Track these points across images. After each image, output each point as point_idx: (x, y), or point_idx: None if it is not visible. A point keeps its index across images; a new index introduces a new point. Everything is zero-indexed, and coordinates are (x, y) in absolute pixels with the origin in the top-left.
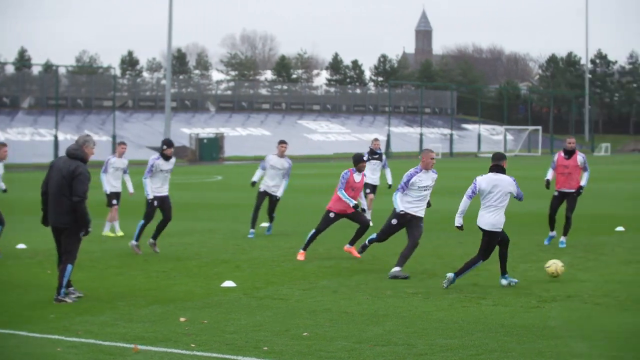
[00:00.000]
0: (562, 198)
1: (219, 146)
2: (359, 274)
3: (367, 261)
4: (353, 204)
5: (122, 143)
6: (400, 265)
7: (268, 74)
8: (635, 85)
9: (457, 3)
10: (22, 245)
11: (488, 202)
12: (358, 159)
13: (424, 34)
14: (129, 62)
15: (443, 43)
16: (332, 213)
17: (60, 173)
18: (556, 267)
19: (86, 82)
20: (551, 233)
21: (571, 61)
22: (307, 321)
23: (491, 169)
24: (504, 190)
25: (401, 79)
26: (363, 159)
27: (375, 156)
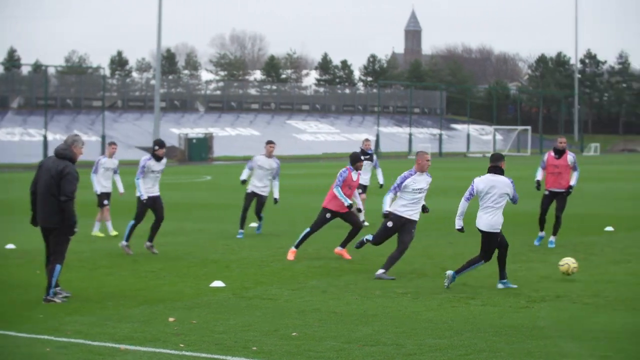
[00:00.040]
0: (553, 197)
1: (208, 146)
2: (348, 274)
3: (356, 261)
4: (348, 203)
5: (113, 143)
6: (386, 268)
7: (257, 74)
8: (624, 85)
9: (447, 3)
10: (11, 245)
11: (485, 203)
12: (356, 158)
13: (414, 34)
14: (119, 62)
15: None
16: (329, 213)
17: (48, 173)
18: (569, 266)
19: (75, 82)
20: (540, 233)
21: (560, 61)
22: (296, 321)
23: (489, 170)
24: (500, 191)
25: (390, 79)
26: (361, 158)
27: (366, 156)
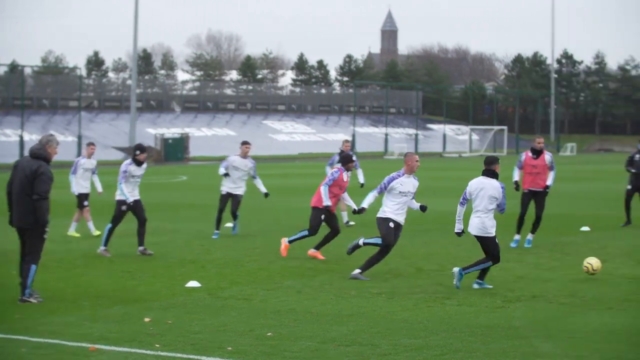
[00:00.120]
0: (532, 196)
1: (184, 146)
2: (323, 275)
3: (332, 262)
4: (326, 204)
5: (91, 144)
6: (363, 269)
7: (233, 74)
8: (601, 85)
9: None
10: None
11: (475, 207)
12: (348, 159)
13: (390, 34)
14: (95, 63)
15: (409, 43)
16: (324, 215)
17: (23, 172)
18: (590, 266)
19: (52, 83)
20: (516, 237)
21: (537, 61)
22: (272, 321)
23: (482, 173)
24: (488, 193)
25: (366, 79)
26: (352, 159)
27: None
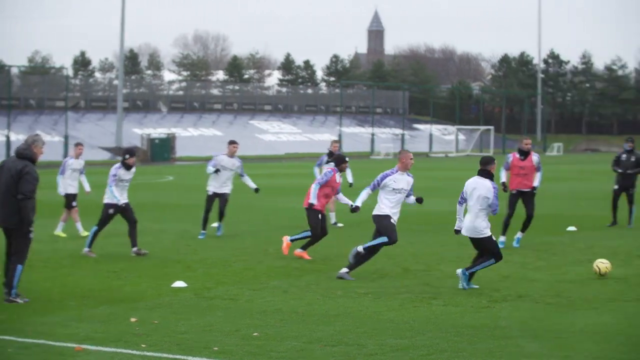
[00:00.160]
0: (519, 197)
1: (171, 146)
2: (310, 274)
3: (318, 262)
4: (311, 202)
5: (79, 144)
6: (350, 268)
7: (220, 74)
8: (587, 85)
9: (410, 3)
10: None
11: (469, 207)
12: (341, 160)
13: (376, 34)
14: (82, 63)
15: (395, 43)
16: (320, 214)
17: (9, 173)
18: (599, 268)
19: (39, 83)
20: (502, 238)
21: (524, 61)
22: (258, 321)
23: (478, 173)
24: (480, 193)
25: (353, 79)
26: (345, 160)
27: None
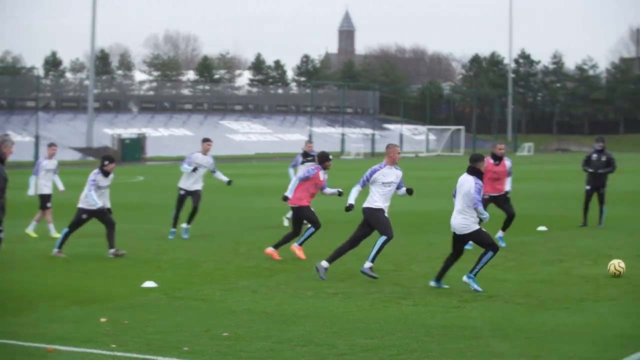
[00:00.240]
0: (491, 201)
1: (141, 147)
2: (280, 274)
3: (288, 262)
4: (285, 195)
5: (53, 145)
6: (330, 261)
7: (190, 75)
8: (558, 85)
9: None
10: None
11: (455, 204)
12: (325, 158)
13: (347, 34)
14: (52, 63)
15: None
16: (311, 207)
17: None
18: (614, 267)
19: (9, 83)
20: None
21: (494, 61)
22: (228, 321)
23: (467, 170)
24: (464, 190)
25: (323, 79)
26: (329, 157)
27: (309, 158)
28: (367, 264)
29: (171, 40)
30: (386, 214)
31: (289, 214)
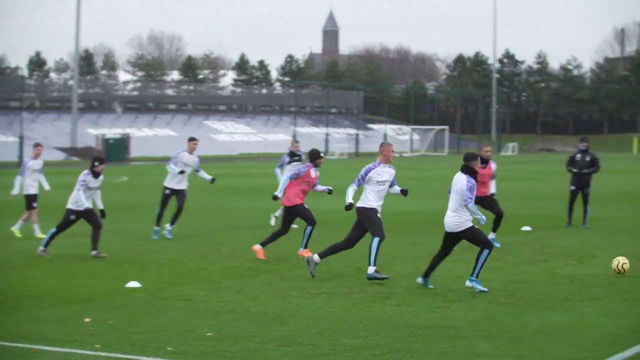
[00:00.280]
0: (477, 203)
1: (125, 147)
2: (264, 274)
3: (272, 262)
4: (275, 195)
5: (39, 145)
6: (322, 256)
7: (175, 75)
8: (542, 85)
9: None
10: None
11: (449, 202)
12: (316, 155)
13: (331, 34)
14: (37, 63)
15: (350, 43)
16: (305, 205)
17: None
18: (619, 264)
19: None
20: None
21: (478, 61)
22: (212, 321)
23: (460, 169)
24: (456, 188)
25: (308, 79)
26: (320, 155)
27: (295, 158)
28: (371, 269)
29: (155, 40)
30: (379, 214)
31: (277, 213)
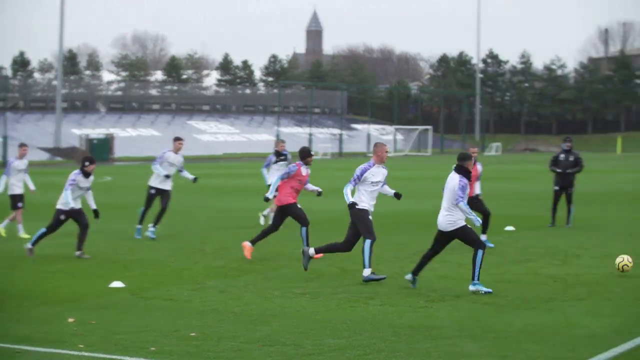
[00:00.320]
0: None
1: (109, 147)
2: (247, 274)
3: (256, 262)
4: (267, 197)
5: (24, 145)
6: (320, 251)
7: (158, 75)
8: (526, 84)
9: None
10: None
11: (442, 202)
12: (306, 153)
13: (315, 34)
14: (21, 63)
15: (334, 43)
16: (298, 204)
17: None
18: (621, 264)
19: None
20: None
21: (462, 61)
22: (195, 321)
23: (454, 168)
24: (449, 188)
25: (291, 79)
26: (311, 153)
27: (281, 157)
28: (366, 271)
29: (139, 40)
30: (370, 217)
31: (266, 212)
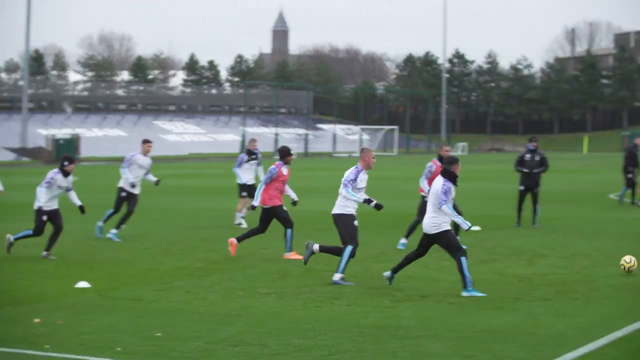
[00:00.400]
0: None
1: (75, 147)
2: (213, 275)
3: (221, 262)
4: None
5: None
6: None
7: (125, 75)
8: (492, 84)
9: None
10: None
11: (428, 205)
12: (286, 153)
13: (281, 34)
14: None
15: (300, 43)
16: (283, 206)
17: None
18: (627, 263)
19: None
20: (403, 240)
21: (428, 61)
22: (161, 321)
23: (440, 172)
24: (434, 192)
25: (257, 79)
26: (290, 153)
27: (253, 156)
28: (337, 275)
29: (106, 40)
30: (356, 223)
31: (244, 213)
